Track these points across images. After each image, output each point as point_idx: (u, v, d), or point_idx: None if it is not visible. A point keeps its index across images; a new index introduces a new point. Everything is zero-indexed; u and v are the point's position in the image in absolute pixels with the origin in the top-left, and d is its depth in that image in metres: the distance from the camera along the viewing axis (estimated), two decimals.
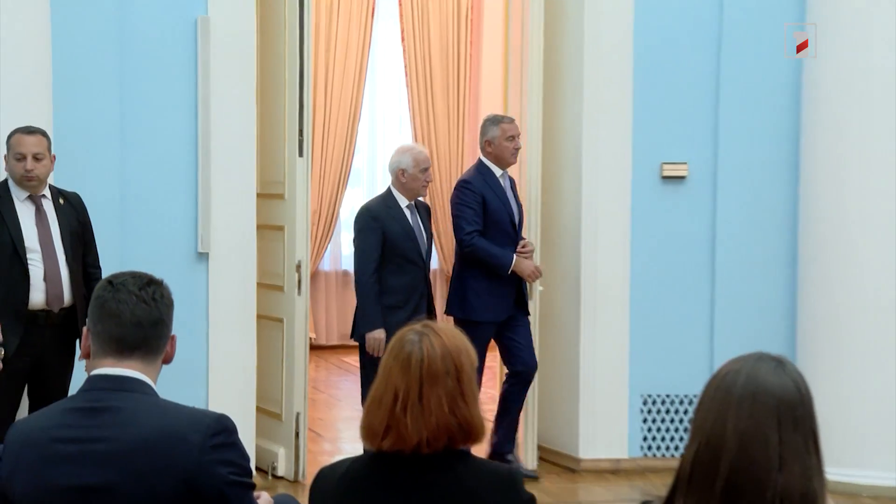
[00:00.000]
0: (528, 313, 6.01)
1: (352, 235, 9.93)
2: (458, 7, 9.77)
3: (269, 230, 5.99)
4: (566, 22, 6.37)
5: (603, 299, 6.28)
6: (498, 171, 5.95)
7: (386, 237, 5.67)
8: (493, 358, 6.30)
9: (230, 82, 5.73)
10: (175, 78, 5.73)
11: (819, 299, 6.09)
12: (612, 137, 6.21)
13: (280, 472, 5.92)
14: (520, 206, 6.03)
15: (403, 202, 5.77)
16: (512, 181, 6.03)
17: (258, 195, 5.89)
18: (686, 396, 6.39)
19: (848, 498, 5.68)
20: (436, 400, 2.38)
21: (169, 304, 2.52)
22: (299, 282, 5.89)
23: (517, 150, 5.96)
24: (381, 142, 10.10)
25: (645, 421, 6.41)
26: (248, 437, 5.62)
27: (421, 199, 5.93)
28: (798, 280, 6.28)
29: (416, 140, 9.81)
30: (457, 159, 9.88)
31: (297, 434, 5.90)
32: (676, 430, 6.42)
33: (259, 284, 5.90)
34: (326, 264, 10.07)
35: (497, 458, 5.91)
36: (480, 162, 5.99)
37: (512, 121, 5.99)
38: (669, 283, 6.35)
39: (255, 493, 2.51)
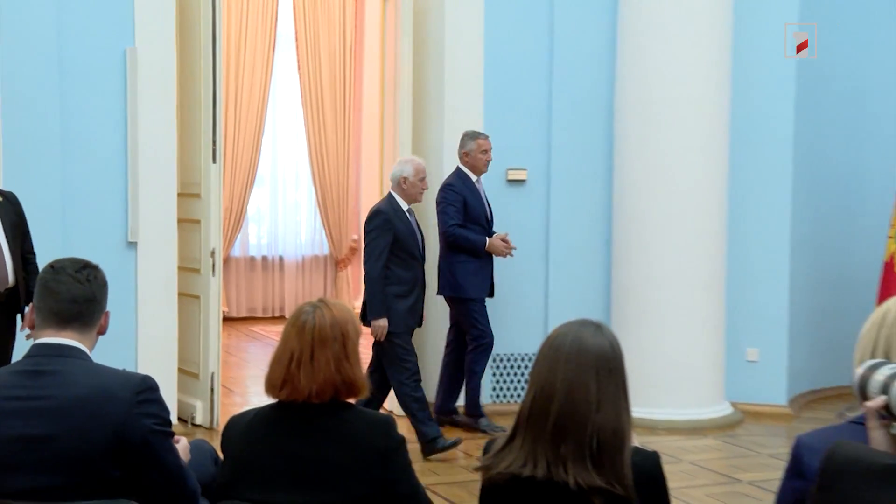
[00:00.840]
0: (492, 295, 5.96)
1: (258, 227, 9.93)
2: (343, 42, 9.69)
3: (188, 223, 5.85)
4: (430, 57, 6.38)
5: None
6: (474, 178, 5.88)
7: (395, 236, 5.40)
8: None
9: (154, 101, 5.59)
10: (108, 98, 5.55)
11: (626, 276, 6.24)
12: None
13: (198, 421, 5.80)
14: (490, 206, 5.99)
15: (404, 206, 5.52)
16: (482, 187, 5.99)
17: (179, 194, 5.75)
18: (526, 355, 6.47)
19: (648, 430, 5.85)
20: (324, 360, 2.36)
21: (102, 285, 2.45)
22: (213, 265, 5.77)
23: (489, 161, 5.90)
24: (282, 151, 9.94)
25: (494, 375, 6.48)
26: (170, 393, 5.50)
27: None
28: (612, 261, 6.43)
29: (309, 150, 9.69)
30: (344, 166, 9.78)
31: (212, 390, 5.79)
32: (519, 381, 6.50)
33: (180, 268, 5.77)
34: (236, 251, 9.88)
35: (445, 416, 5.91)
36: (459, 169, 5.89)
37: (487, 137, 5.90)
38: (513, 265, 6.40)
39: (175, 439, 2.47)
